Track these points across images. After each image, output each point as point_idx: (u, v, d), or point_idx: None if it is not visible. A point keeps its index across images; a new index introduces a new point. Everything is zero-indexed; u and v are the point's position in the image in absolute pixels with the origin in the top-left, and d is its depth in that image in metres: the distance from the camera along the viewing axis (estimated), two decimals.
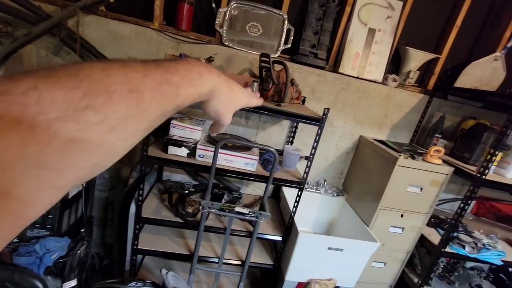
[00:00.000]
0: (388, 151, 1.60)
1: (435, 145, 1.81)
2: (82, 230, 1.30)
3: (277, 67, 1.52)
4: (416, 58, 1.78)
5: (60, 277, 1.18)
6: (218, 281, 1.57)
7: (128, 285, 1.08)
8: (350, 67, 1.74)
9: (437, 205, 2.07)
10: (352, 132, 1.91)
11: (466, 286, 1.75)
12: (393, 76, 1.81)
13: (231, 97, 0.39)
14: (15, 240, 1.09)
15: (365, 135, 1.92)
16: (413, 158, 1.54)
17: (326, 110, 1.32)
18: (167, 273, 1.22)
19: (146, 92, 0.24)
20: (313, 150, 1.41)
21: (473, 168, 1.57)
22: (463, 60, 1.89)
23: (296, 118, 1.35)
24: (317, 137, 1.38)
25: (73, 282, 1.14)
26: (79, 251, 1.18)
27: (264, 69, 1.52)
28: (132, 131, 0.24)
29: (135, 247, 1.50)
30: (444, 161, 1.62)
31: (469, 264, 1.76)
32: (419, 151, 1.68)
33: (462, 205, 1.49)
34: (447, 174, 1.57)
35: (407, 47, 1.75)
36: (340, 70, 1.74)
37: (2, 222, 0.18)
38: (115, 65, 0.23)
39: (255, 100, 0.47)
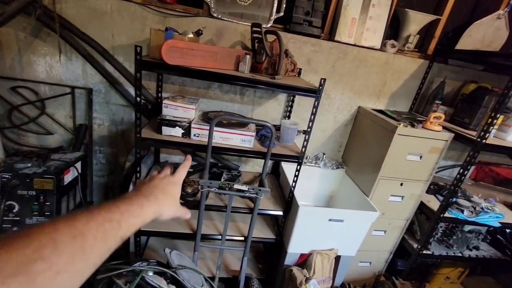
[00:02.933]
0: (387, 120, 1.57)
1: (435, 111, 1.77)
2: None
3: (270, 37, 1.45)
4: (416, 20, 1.69)
5: None
6: (222, 257, 1.61)
7: (133, 265, 1.09)
8: (346, 34, 1.66)
9: (437, 172, 2.07)
10: (350, 103, 1.87)
11: (464, 249, 1.79)
12: (392, 41, 1.73)
13: (173, 201, 0.48)
14: (15, 228, 1.09)
15: (364, 105, 1.87)
16: (413, 126, 1.51)
17: (322, 80, 1.27)
18: (170, 252, 1.23)
19: (89, 235, 0.30)
20: (310, 123, 1.38)
21: (473, 133, 1.55)
22: (464, 21, 1.80)
23: (292, 91, 1.31)
24: (314, 109, 1.34)
25: None
26: None
27: (256, 41, 1.44)
28: (78, 269, 0.29)
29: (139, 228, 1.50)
30: (444, 128, 1.59)
31: (467, 228, 1.80)
32: (419, 118, 1.65)
33: (461, 170, 1.49)
34: (446, 141, 1.55)
35: (406, 9, 1.65)
36: (336, 38, 1.66)
37: None
38: (63, 219, 0.29)
39: (182, 172, 0.56)
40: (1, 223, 1.09)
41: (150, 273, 1.07)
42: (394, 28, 1.78)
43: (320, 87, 1.28)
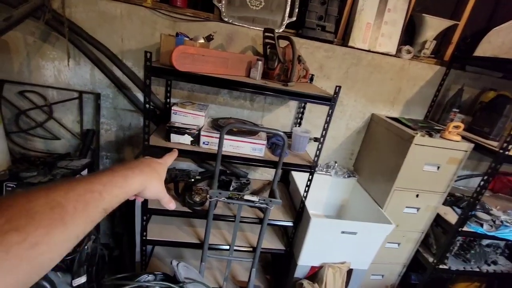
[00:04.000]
0: (403, 129, 1.51)
1: (452, 120, 1.71)
2: None
3: (282, 43, 1.40)
4: (433, 26, 1.63)
5: (70, 272, 1.15)
6: (230, 268, 1.56)
7: (138, 279, 1.05)
8: (360, 40, 1.61)
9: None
10: (363, 110, 1.81)
11: (482, 263, 1.71)
12: (407, 47, 1.67)
13: (158, 177, 0.45)
14: None
15: (377, 113, 1.81)
16: (430, 135, 1.45)
17: (337, 88, 1.22)
18: (177, 264, 1.19)
19: (69, 206, 0.28)
20: (323, 132, 1.33)
21: (494, 143, 1.48)
22: (483, 26, 1.74)
23: (306, 99, 1.26)
24: (328, 117, 1.29)
25: (83, 279, 1.12)
26: (86, 247, 1.14)
27: (268, 46, 1.40)
28: (58, 242, 0.27)
29: (144, 238, 1.47)
30: (463, 137, 1.53)
31: (486, 242, 1.72)
32: (436, 127, 1.59)
33: (482, 182, 1.42)
34: (466, 151, 1.48)
35: (423, 14, 1.60)
36: (350, 44, 1.61)
37: None
38: (38, 190, 0.27)
39: (169, 158, 0.54)
40: None
41: None
42: (410, 34, 1.72)
43: (335, 95, 1.23)
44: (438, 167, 1.51)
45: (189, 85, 1.64)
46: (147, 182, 0.41)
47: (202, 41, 1.25)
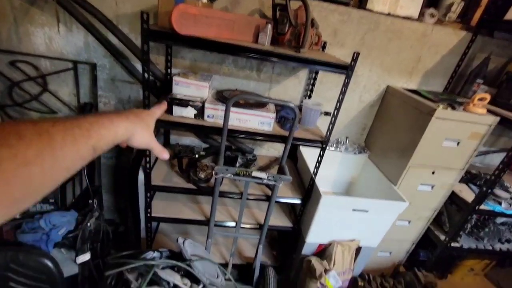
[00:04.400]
0: (423, 102, 1.40)
1: (475, 92, 1.58)
2: (90, 201, 1.22)
3: (294, 4, 1.25)
4: None
5: (74, 249, 1.13)
6: (237, 244, 1.53)
7: (143, 256, 1.01)
8: (380, 2, 1.45)
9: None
10: (378, 81, 1.68)
11: (495, 241, 1.67)
12: (431, 10, 1.50)
13: (145, 126, 0.44)
14: (18, 216, 1.01)
15: (393, 84, 1.68)
16: (453, 108, 1.33)
17: (355, 54, 1.10)
18: (184, 241, 1.15)
19: (57, 135, 0.29)
20: (337, 104, 1.22)
21: None
22: None
23: (320, 66, 1.14)
24: (344, 88, 1.18)
25: (87, 256, 1.09)
26: (88, 224, 1.11)
27: (278, 8, 1.25)
28: (48, 167, 0.28)
29: (148, 215, 1.43)
30: (487, 110, 1.41)
31: (500, 220, 1.66)
32: (459, 100, 1.47)
33: (506, 159, 1.32)
34: (490, 125, 1.37)
35: None
36: (368, 6, 1.45)
37: None
38: (25, 121, 0.28)
39: (158, 109, 0.54)
40: None
41: (163, 265, 0.99)
42: None
43: (353, 63, 1.11)
44: (458, 143, 1.41)
45: (191, 54, 1.51)
46: (133, 129, 0.41)
47: (205, 1, 1.11)
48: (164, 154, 0.50)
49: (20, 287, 0.85)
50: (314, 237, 1.48)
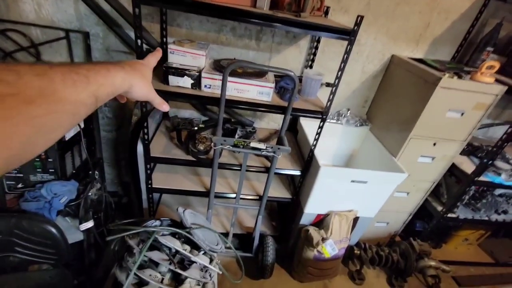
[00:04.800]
0: (428, 70, 1.34)
1: (483, 61, 1.51)
2: (91, 172, 1.23)
3: None
4: None
5: (78, 217, 1.16)
6: (237, 215, 1.57)
7: (145, 224, 1.04)
8: None
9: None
10: (383, 50, 1.61)
11: (492, 213, 1.69)
12: None
13: (142, 77, 0.43)
14: (20, 185, 1.03)
15: (399, 54, 1.61)
16: (460, 77, 1.29)
17: (359, 18, 1.03)
18: (184, 211, 1.17)
19: (56, 77, 0.27)
20: (339, 72, 1.18)
21: None
22: None
23: (321, 31, 1.08)
24: (345, 55, 1.13)
25: (90, 223, 1.12)
26: (90, 194, 1.13)
27: None
28: (52, 110, 0.26)
29: (149, 186, 1.45)
30: (496, 80, 1.36)
31: (498, 191, 1.67)
32: (466, 69, 1.41)
33: (510, 130, 1.30)
34: (496, 95, 1.33)
35: None
36: None
37: None
38: (20, 63, 0.26)
39: (152, 58, 0.52)
40: (3, 180, 1.04)
41: (164, 232, 1.02)
42: None
43: (356, 28, 1.05)
44: (462, 114, 1.38)
45: (187, 22, 1.44)
46: (131, 79, 0.40)
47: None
48: (164, 106, 0.49)
49: (26, 251, 0.89)
50: (313, 207, 1.50)
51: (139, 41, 1.04)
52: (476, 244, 2.03)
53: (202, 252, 1.09)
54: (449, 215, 1.62)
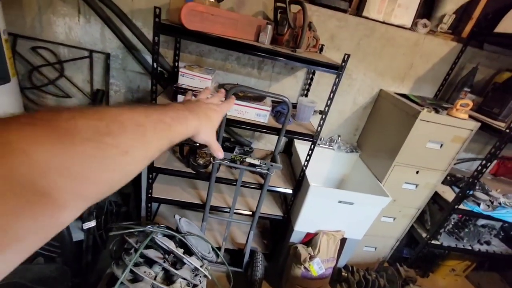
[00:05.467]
0: (410, 105, 1.50)
1: (462, 99, 1.67)
2: None
3: (294, 8, 1.37)
4: None
5: (80, 218, 1.24)
6: (229, 229, 1.64)
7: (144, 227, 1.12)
8: (376, 10, 1.56)
9: (456, 164, 2.00)
10: (372, 85, 1.79)
11: (474, 242, 1.76)
12: (424, 21, 1.61)
13: (211, 125, 0.48)
14: None
15: (386, 88, 1.79)
16: (437, 111, 1.43)
17: (346, 56, 1.20)
18: (180, 218, 1.26)
19: (149, 127, 0.31)
20: (329, 101, 1.33)
21: (503, 124, 1.46)
22: (508, 2, 1.64)
23: (312, 65, 1.25)
24: (334, 87, 1.29)
25: (92, 223, 1.21)
26: None
27: (279, 11, 1.37)
28: (139, 158, 0.30)
29: (149, 195, 1.55)
30: (470, 117, 1.51)
31: (481, 222, 1.75)
32: (444, 105, 1.57)
33: (484, 162, 1.42)
34: (471, 130, 1.47)
35: None
36: (364, 14, 1.56)
37: (42, 219, 0.21)
38: (124, 108, 0.30)
39: (226, 107, 0.55)
40: None
41: (160, 236, 1.10)
42: (428, 6, 1.65)
43: (343, 64, 1.22)
44: (442, 145, 1.51)
45: (197, 50, 1.63)
46: (201, 128, 0.43)
47: (212, 0, 1.23)
48: (220, 153, 0.53)
49: None
50: (302, 225, 1.58)
51: (155, 64, 1.21)
52: (463, 275, 2.06)
53: (195, 257, 1.16)
54: (433, 241, 1.69)
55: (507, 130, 1.32)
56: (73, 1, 1.45)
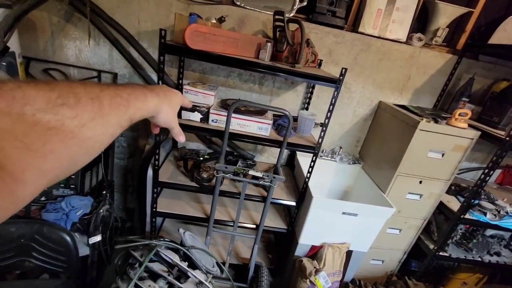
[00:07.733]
0: (409, 115, 1.52)
1: (461, 109, 1.70)
2: (104, 192, 1.37)
3: (292, 26, 1.44)
4: (446, 13, 1.62)
5: (86, 233, 1.26)
6: (234, 244, 1.63)
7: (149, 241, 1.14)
8: (371, 26, 1.62)
9: (460, 173, 2.00)
10: (371, 97, 1.82)
11: (484, 254, 1.72)
12: (419, 35, 1.67)
13: (172, 106, 0.46)
14: (43, 198, 1.16)
15: (385, 100, 1.82)
16: (436, 122, 1.46)
17: (343, 70, 1.25)
18: (184, 232, 1.27)
19: (105, 101, 0.30)
20: (328, 114, 1.36)
21: (502, 132, 1.47)
22: (499, 14, 1.71)
23: (311, 80, 1.29)
24: (333, 99, 1.33)
25: (98, 237, 1.22)
26: (101, 210, 1.24)
27: (278, 29, 1.44)
28: (98, 133, 0.29)
29: (154, 209, 1.56)
30: (470, 126, 1.52)
31: (489, 232, 1.71)
32: (443, 115, 1.59)
33: (487, 170, 1.42)
34: (472, 139, 1.48)
35: (436, 1, 1.58)
36: (360, 30, 1.62)
37: None
38: (76, 82, 0.29)
39: (186, 99, 0.55)
40: None
41: (164, 249, 1.11)
42: (422, 21, 1.71)
43: (341, 77, 1.26)
44: (443, 154, 1.51)
45: (200, 67, 1.70)
46: (161, 106, 0.42)
47: (214, 21, 1.31)
48: (181, 137, 0.52)
49: (41, 257, 0.98)
50: (307, 238, 1.57)
51: (160, 82, 1.26)
52: None
53: (199, 271, 1.16)
54: (441, 253, 1.65)
55: (507, 138, 1.33)
56: (84, 26, 1.54)
